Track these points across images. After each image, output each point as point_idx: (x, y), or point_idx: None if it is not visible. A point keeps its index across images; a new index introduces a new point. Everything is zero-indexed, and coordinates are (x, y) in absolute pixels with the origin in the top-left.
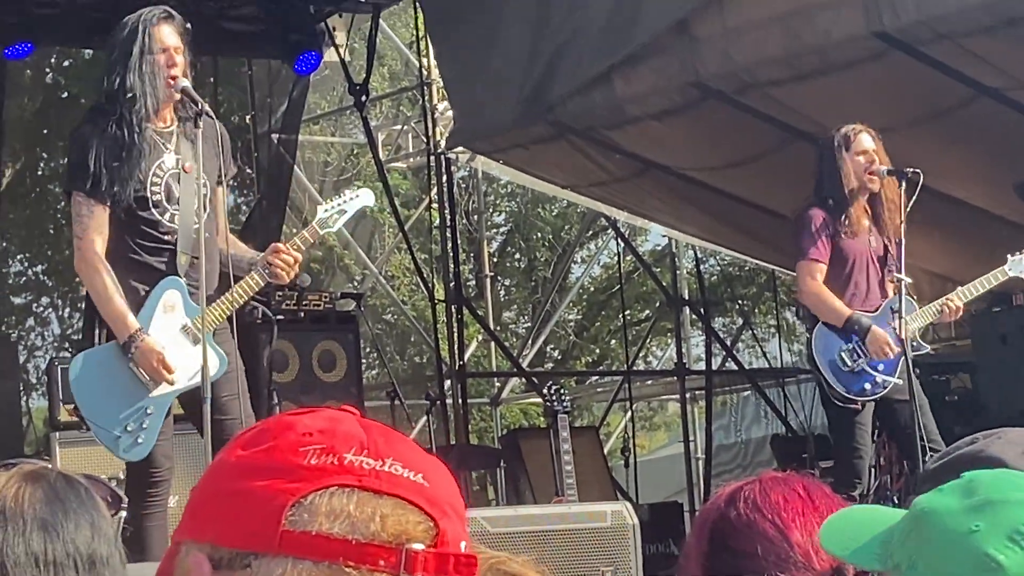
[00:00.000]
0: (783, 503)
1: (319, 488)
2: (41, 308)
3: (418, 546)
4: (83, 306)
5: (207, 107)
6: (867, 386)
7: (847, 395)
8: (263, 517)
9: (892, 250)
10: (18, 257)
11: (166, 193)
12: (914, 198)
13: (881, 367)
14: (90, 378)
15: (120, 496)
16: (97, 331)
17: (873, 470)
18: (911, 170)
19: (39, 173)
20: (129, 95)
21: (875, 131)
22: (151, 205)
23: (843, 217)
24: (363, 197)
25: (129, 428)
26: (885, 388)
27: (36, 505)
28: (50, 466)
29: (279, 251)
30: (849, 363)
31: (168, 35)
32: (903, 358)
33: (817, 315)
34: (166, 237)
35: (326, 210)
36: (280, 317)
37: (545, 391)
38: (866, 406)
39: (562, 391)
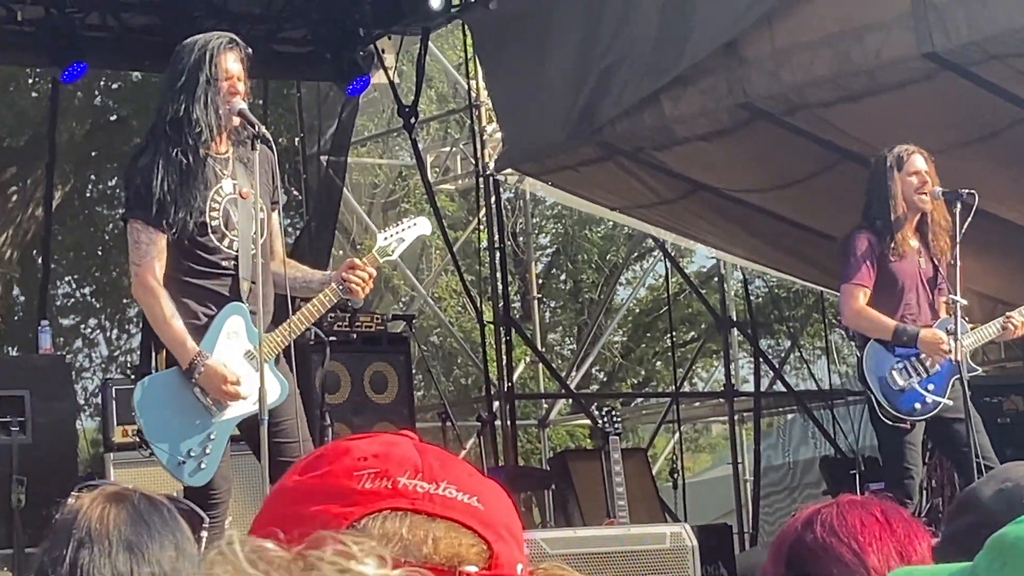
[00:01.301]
0: (860, 527)
1: (372, 512)
2: (89, 329)
3: (471, 568)
4: (140, 331)
5: (264, 130)
6: (917, 405)
7: (897, 414)
8: None
9: (942, 271)
10: (66, 279)
11: (224, 219)
12: (968, 219)
13: (931, 387)
14: (154, 403)
15: (202, 516)
16: (154, 356)
17: (925, 491)
18: (967, 191)
19: (88, 195)
20: (195, 126)
21: (927, 152)
22: (210, 231)
23: (889, 239)
24: (420, 225)
25: (193, 453)
26: (935, 408)
27: (121, 526)
28: (131, 488)
29: (355, 266)
30: (900, 382)
31: (232, 63)
32: (955, 378)
33: (864, 334)
34: (224, 263)
35: (385, 238)
36: (332, 338)
37: (596, 412)
38: (916, 425)
39: (613, 413)
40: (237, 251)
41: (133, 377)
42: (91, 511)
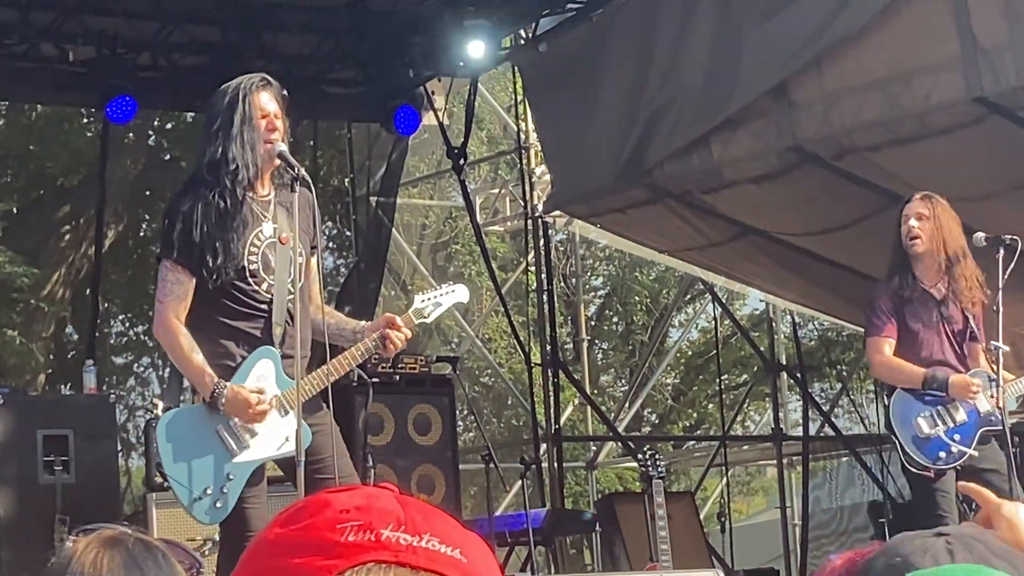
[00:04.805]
0: None
1: (356, 564)
2: (142, 368)
3: None
4: (168, 371)
5: (304, 173)
6: (942, 454)
7: (923, 462)
8: None
9: (972, 320)
10: (119, 317)
11: (263, 263)
12: (1011, 265)
13: (958, 436)
14: (176, 438)
15: (199, 561)
16: (191, 395)
17: None
18: (1009, 237)
19: (141, 235)
20: (232, 166)
21: (949, 197)
22: (248, 275)
23: (906, 286)
24: (458, 292)
25: (209, 491)
26: (961, 458)
27: (115, 571)
28: (129, 531)
29: (394, 324)
30: (926, 430)
31: (267, 101)
32: (983, 429)
33: (894, 384)
34: (262, 306)
35: (423, 301)
36: (376, 380)
37: (640, 456)
38: (947, 473)
39: (657, 456)
40: (273, 295)
41: (157, 415)
42: (84, 556)
